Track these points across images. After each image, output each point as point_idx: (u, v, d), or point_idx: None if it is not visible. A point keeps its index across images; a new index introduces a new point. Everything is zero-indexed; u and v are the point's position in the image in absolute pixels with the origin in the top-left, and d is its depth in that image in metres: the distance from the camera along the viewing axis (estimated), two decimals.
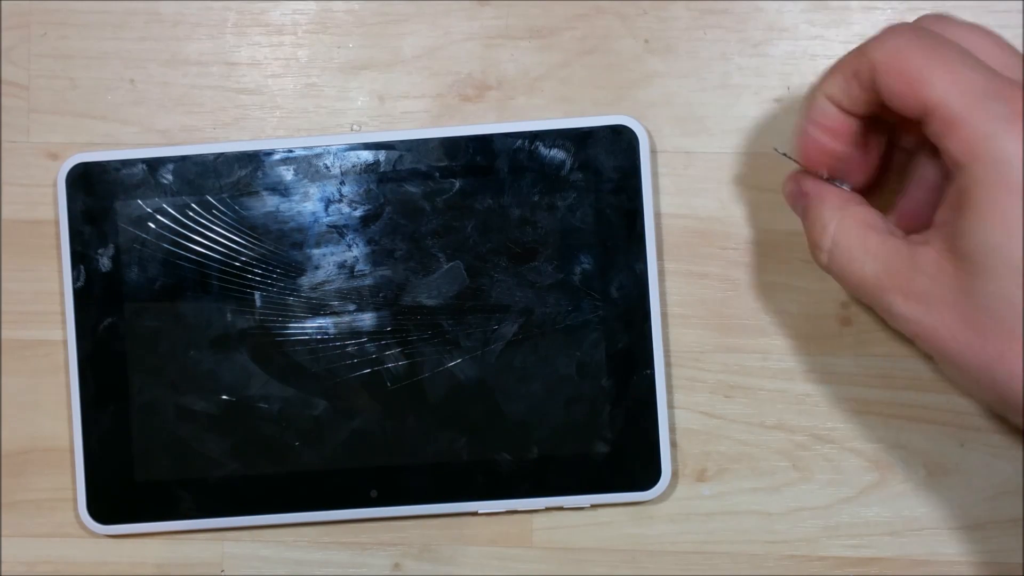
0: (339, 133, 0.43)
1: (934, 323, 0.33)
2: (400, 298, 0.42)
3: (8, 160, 0.44)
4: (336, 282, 0.42)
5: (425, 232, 0.42)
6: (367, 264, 0.42)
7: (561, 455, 0.42)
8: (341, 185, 0.42)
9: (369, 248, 0.42)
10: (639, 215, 0.42)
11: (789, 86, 0.43)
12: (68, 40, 0.44)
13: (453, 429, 0.42)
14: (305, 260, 0.42)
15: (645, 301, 0.42)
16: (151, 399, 0.42)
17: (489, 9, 0.43)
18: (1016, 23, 0.42)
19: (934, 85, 0.33)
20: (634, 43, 0.43)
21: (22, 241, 0.43)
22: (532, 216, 0.42)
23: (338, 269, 0.42)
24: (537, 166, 0.42)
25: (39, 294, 0.43)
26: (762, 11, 0.43)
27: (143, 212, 0.42)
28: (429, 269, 0.42)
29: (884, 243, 0.35)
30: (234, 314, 0.42)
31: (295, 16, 0.44)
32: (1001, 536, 0.42)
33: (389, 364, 0.42)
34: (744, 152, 0.43)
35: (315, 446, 0.42)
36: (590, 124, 0.42)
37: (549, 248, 0.42)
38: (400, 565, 0.43)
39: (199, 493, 0.42)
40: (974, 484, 0.42)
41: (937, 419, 0.42)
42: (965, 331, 0.33)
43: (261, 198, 0.42)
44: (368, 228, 0.42)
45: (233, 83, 0.44)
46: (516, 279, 0.42)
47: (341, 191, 0.42)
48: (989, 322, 0.32)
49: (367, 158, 0.42)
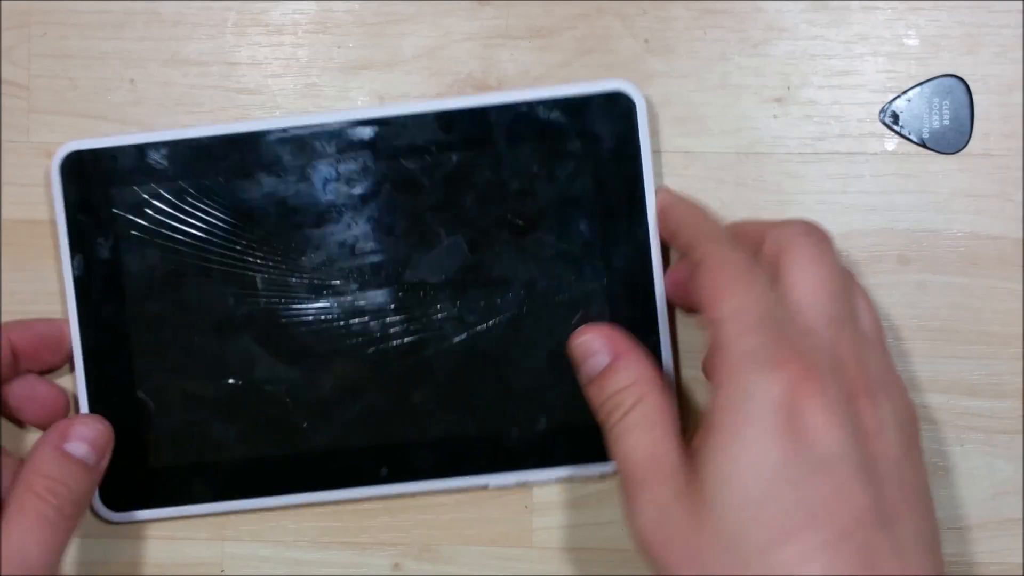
0: (333, 111, 0.43)
1: (664, 539, 0.33)
2: (402, 275, 0.42)
3: (8, 160, 0.44)
4: (337, 261, 0.42)
5: (424, 208, 0.41)
6: (368, 242, 0.42)
7: (569, 426, 0.41)
8: (337, 163, 0.42)
9: (369, 226, 0.42)
10: (639, 181, 0.41)
11: (789, 86, 0.43)
12: (68, 40, 0.44)
13: (460, 404, 0.42)
14: (305, 241, 0.42)
15: (648, 269, 0.41)
16: (156, 386, 0.42)
17: (489, 9, 0.43)
18: (1016, 23, 0.42)
19: (721, 307, 0.34)
20: (634, 43, 0.43)
21: (22, 241, 0.43)
22: (531, 187, 0.41)
23: (339, 248, 0.42)
24: (534, 136, 0.41)
25: (39, 294, 0.43)
26: (762, 11, 0.43)
27: (139, 199, 0.42)
28: (430, 245, 0.42)
29: (665, 438, 0.35)
30: (236, 298, 0.42)
31: (295, 16, 0.44)
32: (1001, 536, 0.42)
33: (394, 342, 0.42)
34: (744, 152, 0.43)
35: (323, 426, 0.42)
36: (587, 91, 0.41)
37: (550, 219, 0.41)
38: (400, 565, 0.43)
39: (210, 477, 0.42)
40: (974, 484, 0.42)
41: (937, 419, 0.42)
42: (689, 560, 0.32)
43: (258, 180, 0.42)
44: (367, 206, 0.42)
45: (233, 83, 0.44)
46: (517, 252, 0.41)
47: (338, 169, 0.42)
48: (712, 556, 0.32)
49: (363, 135, 0.42)
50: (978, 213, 0.42)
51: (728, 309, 0.33)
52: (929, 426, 0.42)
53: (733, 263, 0.34)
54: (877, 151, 0.43)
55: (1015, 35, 0.42)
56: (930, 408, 0.42)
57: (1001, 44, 0.42)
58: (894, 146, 0.43)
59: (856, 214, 0.43)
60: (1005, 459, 0.42)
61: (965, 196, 0.42)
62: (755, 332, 0.33)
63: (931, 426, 0.42)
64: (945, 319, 0.42)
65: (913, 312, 0.42)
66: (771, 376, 0.32)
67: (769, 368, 0.32)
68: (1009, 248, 0.42)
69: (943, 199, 0.42)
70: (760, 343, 0.33)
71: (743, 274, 0.34)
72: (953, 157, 0.42)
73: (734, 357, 0.33)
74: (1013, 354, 0.42)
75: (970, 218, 0.42)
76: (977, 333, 0.42)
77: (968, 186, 0.42)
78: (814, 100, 0.43)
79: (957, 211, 0.42)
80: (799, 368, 0.32)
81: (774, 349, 0.32)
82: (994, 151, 0.42)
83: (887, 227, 0.43)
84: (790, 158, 0.43)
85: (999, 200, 0.42)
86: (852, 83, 0.43)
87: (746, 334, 0.33)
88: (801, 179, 0.43)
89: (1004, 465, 0.42)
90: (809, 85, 0.43)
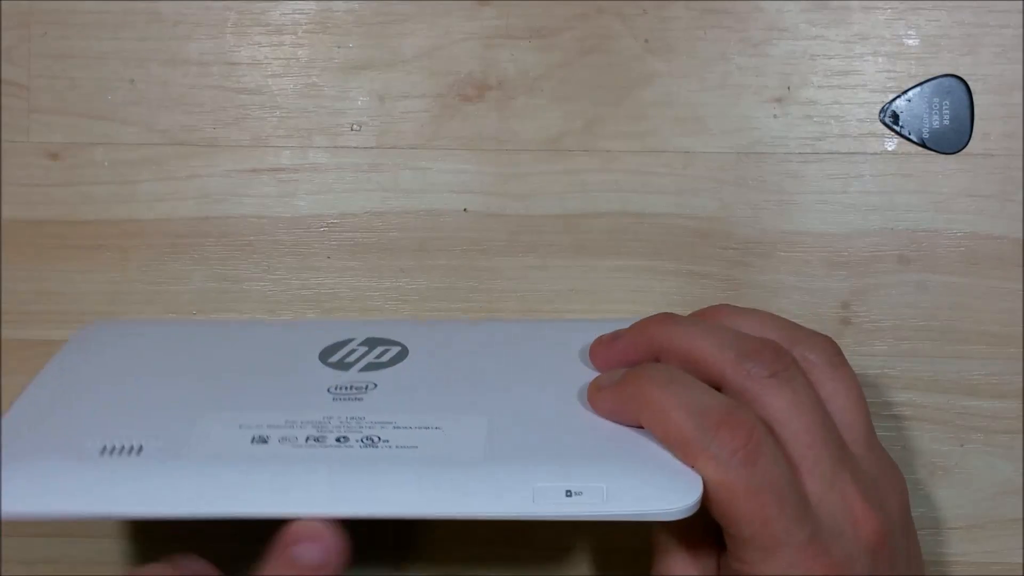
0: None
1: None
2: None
3: (8, 160, 0.44)
4: None
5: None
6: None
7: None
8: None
9: None
10: None
11: (789, 86, 0.43)
12: (68, 40, 0.44)
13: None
14: None
15: None
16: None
17: (489, 9, 0.43)
18: (1016, 23, 0.42)
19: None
20: (634, 43, 0.43)
21: (22, 241, 0.43)
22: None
23: None
24: None
25: (39, 294, 0.43)
26: (762, 11, 0.43)
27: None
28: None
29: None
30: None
31: (295, 16, 0.44)
32: (1001, 536, 0.42)
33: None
34: (744, 152, 0.43)
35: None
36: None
37: None
38: (400, 565, 0.43)
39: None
40: (974, 484, 0.42)
41: (937, 419, 0.42)
42: None
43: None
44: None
45: (233, 83, 0.44)
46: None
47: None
48: None
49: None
50: (978, 213, 0.42)
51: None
52: (929, 426, 0.42)
53: (668, 378, 0.33)
54: (877, 151, 0.43)
55: (1015, 35, 0.42)
56: (930, 408, 0.42)
57: (1001, 44, 0.42)
58: (894, 146, 0.43)
59: (856, 214, 0.43)
60: (1005, 459, 0.42)
61: (965, 196, 0.42)
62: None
63: (931, 426, 0.42)
64: (945, 319, 0.42)
65: (913, 312, 0.42)
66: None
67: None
68: (1009, 248, 0.42)
69: (943, 199, 0.42)
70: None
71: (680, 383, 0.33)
72: (953, 157, 0.42)
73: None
74: (1013, 354, 0.42)
75: (970, 218, 0.42)
76: (977, 333, 0.42)
77: (968, 186, 0.42)
78: (814, 100, 0.43)
79: (957, 211, 0.42)
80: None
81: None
82: (994, 151, 0.42)
83: (887, 227, 0.43)
84: (790, 158, 0.43)
85: (999, 200, 0.42)
86: (852, 83, 0.43)
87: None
88: (801, 179, 0.43)
89: (1004, 465, 0.42)
90: (809, 85, 0.43)
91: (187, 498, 0.32)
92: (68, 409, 0.35)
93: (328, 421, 0.34)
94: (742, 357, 0.33)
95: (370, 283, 0.43)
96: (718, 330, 0.34)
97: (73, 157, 0.43)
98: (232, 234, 0.43)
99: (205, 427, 0.34)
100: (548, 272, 0.43)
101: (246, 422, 0.34)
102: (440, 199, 0.43)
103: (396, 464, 0.32)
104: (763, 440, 0.31)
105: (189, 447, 0.33)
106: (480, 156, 0.43)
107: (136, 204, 0.43)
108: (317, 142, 0.43)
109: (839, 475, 0.32)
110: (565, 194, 0.43)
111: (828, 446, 0.33)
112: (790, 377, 0.33)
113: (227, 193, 0.43)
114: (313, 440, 0.33)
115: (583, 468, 0.32)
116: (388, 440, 0.33)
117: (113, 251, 0.43)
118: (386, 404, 0.35)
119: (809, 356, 0.34)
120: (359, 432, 0.34)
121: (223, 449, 0.33)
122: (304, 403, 0.35)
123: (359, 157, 0.43)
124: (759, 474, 0.31)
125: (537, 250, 0.43)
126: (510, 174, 0.43)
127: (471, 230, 0.43)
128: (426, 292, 0.43)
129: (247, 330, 0.42)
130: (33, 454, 0.33)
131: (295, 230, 0.43)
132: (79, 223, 0.43)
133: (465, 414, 0.35)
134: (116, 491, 0.32)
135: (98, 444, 0.33)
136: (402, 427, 0.34)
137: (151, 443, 0.33)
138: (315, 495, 0.31)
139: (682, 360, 0.34)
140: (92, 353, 0.39)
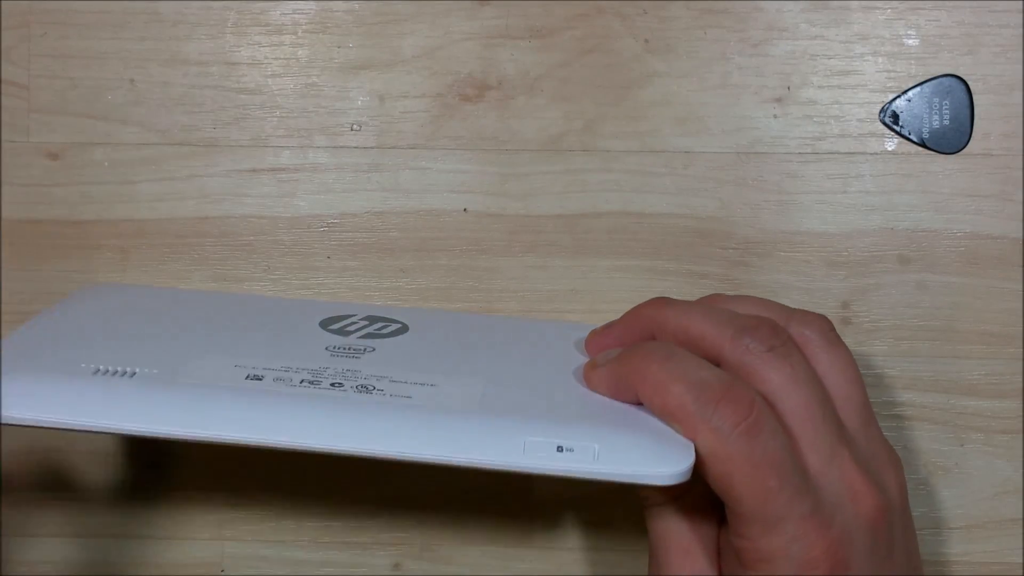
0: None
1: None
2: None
3: (8, 160, 0.44)
4: None
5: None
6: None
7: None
8: None
9: None
10: None
11: (789, 86, 0.43)
12: (68, 40, 0.44)
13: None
14: None
15: None
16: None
17: (489, 9, 0.43)
18: (1016, 23, 0.42)
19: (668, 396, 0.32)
20: (634, 43, 0.43)
21: (22, 241, 0.43)
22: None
23: None
24: None
25: (39, 294, 0.43)
26: (762, 11, 0.43)
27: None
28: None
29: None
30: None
31: (295, 16, 0.44)
32: (1001, 536, 0.42)
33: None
34: (744, 152, 0.43)
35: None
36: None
37: None
38: (400, 565, 0.43)
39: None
40: (974, 484, 0.42)
41: (937, 419, 0.42)
42: None
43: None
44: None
45: (233, 83, 0.44)
46: None
47: None
48: None
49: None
50: (978, 213, 0.42)
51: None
52: (929, 426, 0.42)
53: (667, 353, 0.33)
54: (877, 151, 0.43)
55: (1015, 35, 0.42)
56: (930, 408, 0.42)
57: (1001, 44, 0.42)
58: (894, 146, 0.43)
59: (856, 214, 0.43)
60: (1005, 459, 0.42)
61: (965, 196, 0.42)
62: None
63: (931, 426, 0.42)
64: (945, 319, 0.42)
65: (913, 312, 0.42)
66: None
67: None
68: (1009, 248, 0.42)
69: (943, 199, 0.42)
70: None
71: (680, 358, 0.33)
72: (953, 157, 0.42)
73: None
74: (1013, 354, 0.42)
75: (970, 218, 0.42)
76: (977, 333, 0.42)
77: (968, 186, 0.42)
78: (814, 100, 0.43)
79: (957, 211, 0.42)
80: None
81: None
82: (994, 151, 0.42)
83: (887, 227, 0.43)
84: (790, 158, 0.43)
85: (999, 200, 0.42)
86: (852, 83, 0.43)
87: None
88: (801, 179, 0.43)
89: (1004, 465, 0.42)
90: (809, 85, 0.43)
91: (178, 418, 0.32)
92: (65, 338, 0.36)
93: (324, 370, 0.34)
94: (740, 333, 0.33)
95: (370, 283, 0.43)
96: (714, 309, 0.35)
97: (73, 157, 0.43)
98: (232, 234, 0.43)
99: (200, 362, 0.34)
100: (548, 272, 0.43)
101: (242, 363, 0.34)
102: (440, 199, 0.43)
103: (389, 408, 0.32)
104: (763, 414, 0.31)
105: (183, 376, 0.33)
106: (480, 156, 0.43)
107: (136, 204, 0.43)
108: (317, 142, 0.43)
109: (838, 450, 0.32)
110: (565, 194, 0.43)
111: (827, 421, 0.33)
112: (787, 352, 0.33)
113: (227, 193, 0.43)
114: (308, 383, 0.33)
115: (576, 427, 0.32)
116: (383, 390, 0.33)
117: (113, 251, 0.43)
118: (383, 364, 0.35)
119: (804, 332, 0.34)
120: (354, 381, 0.34)
121: (217, 380, 0.33)
122: (301, 355, 0.36)
123: (359, 157, 0.43)
124: (760, 447, 0.31)
125: (537, 250, 0.43)
126: (510, 174, 0.43)
127: (471, 230, 0.43)
128: (426, 292, 0.43)
129: (250, 299, 0.42)
130: (31, 368, 0.33)
131: (295, 230, 0.43)
132: (79, 223, 0.43)
133: (462, 376, 0.35)
134: (109, 406, 0.32)
135: (92, 367, 0.33)
136: (398, 381, 0.34)
137: (144, 371, 0.33)
138: (307, 426, 0.31)
139: (679, 339, 0.34)
140: (94, 301, 0.40)
